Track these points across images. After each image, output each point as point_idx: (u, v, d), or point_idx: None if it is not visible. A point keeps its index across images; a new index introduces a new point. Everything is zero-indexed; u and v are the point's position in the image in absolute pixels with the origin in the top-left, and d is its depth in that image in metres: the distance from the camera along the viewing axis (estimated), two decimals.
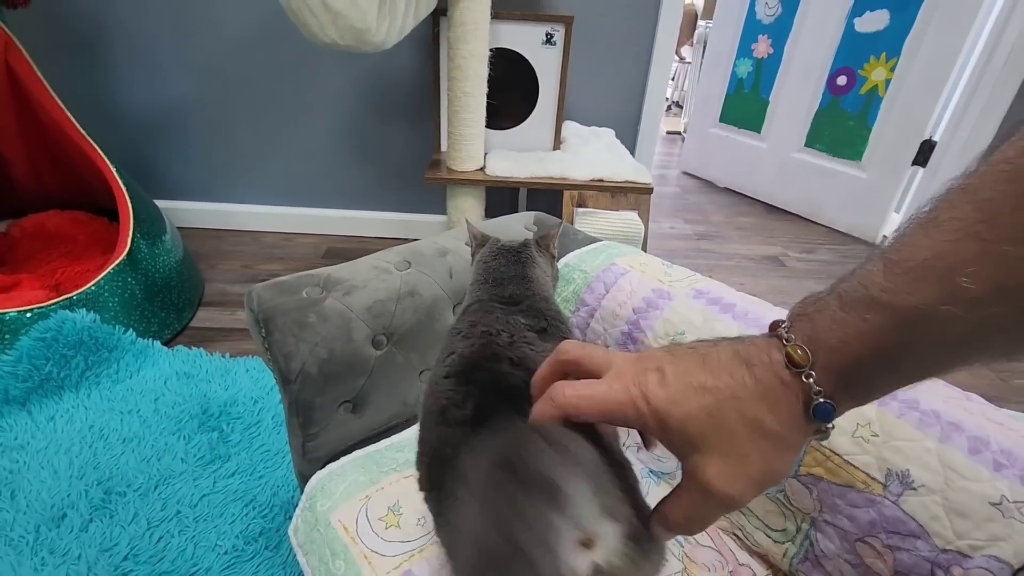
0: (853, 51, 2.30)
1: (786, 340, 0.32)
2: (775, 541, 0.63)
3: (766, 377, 0.32)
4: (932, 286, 0.25)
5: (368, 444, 0.80)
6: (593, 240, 0.96)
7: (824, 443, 0.57)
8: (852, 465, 0.55)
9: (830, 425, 0.32)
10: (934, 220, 0.27)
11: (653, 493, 0.74)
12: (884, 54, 2.20)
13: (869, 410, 0.56)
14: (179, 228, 1.77)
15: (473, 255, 0.71)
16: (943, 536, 0.49)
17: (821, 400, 0.30)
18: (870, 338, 0.28)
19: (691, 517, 0.35)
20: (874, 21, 2.21)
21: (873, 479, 0.53)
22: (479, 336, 0.57)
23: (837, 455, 0.56)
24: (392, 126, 1.95)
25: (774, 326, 0.33)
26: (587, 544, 0.37)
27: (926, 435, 0.52)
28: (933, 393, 0.55)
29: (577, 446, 0.38)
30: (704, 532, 0.68)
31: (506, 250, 0.68)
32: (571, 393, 0.36)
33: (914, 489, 0.51)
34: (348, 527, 0.66)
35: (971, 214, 0.25)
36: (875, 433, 0.55)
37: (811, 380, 0.30)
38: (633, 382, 0.34)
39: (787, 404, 0.31)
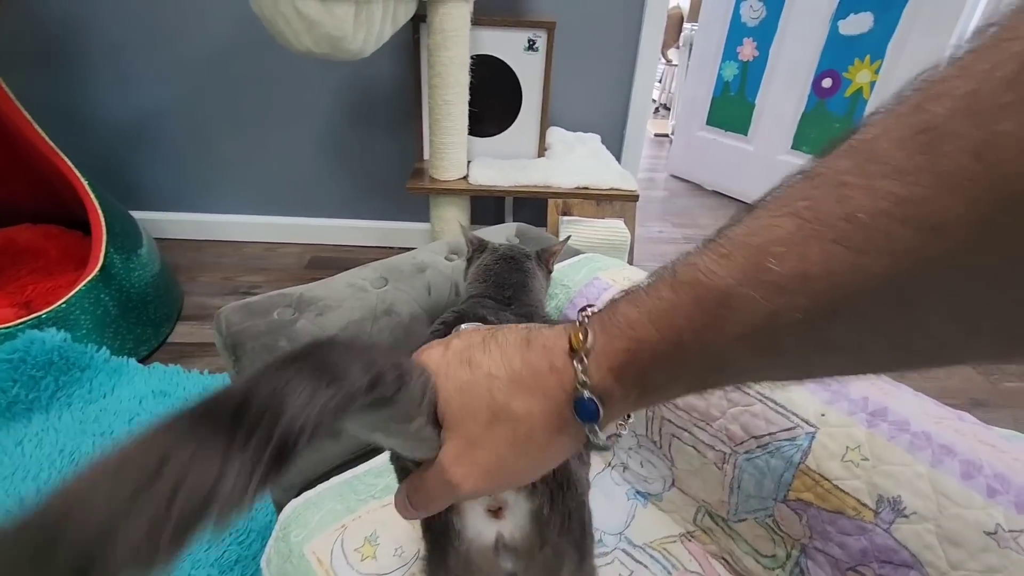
0: (838, 53, 2.30)
1: (579, 323, 0.27)
2: (765, 567, 0.61)
3: (536, 360, 0.28)
4: (738, 264, 0.22)
5: (346, 469, 0.77)
6: (576, 252, 0.94)
7: (813, 467, 0.55)
8: (842, 490, 0.53)
9: (606, 437, 0.28)
10: (764, 202, 0.23)
11: (640, 515, 0.71)
12: (868, 56, 2.20)
13: (858, 433, 0.54)
14: (157, 239, 1.73)
15: (469, 260, 0.69)
16: (937, 567, 0.47)
17: (586, 394, 0.26)
18: (660, 317, 0.24)
19: (421, 492, 0.31)
20: (858, 23, 2.21)
21: (864, 505, 0.51)
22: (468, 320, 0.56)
23: (827, 480, 0.54)
24: (374, 134, 1.93)
25: (581, 310, 0.29)
26: (496, 513, 0.39)
27: (917, 459, 0.50)
28: (924, 414, 0.54)
29: None
30: (692, 557, 0.66)
31: (509, 258, 0.67)
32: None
33: (906, 516, 0.49)
34: (323, 559, 0.64)
35: (799, 192, 0.21)
36: (865, 457, 0.53)
37: (580, 366, 0.26)
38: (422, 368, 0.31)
39: (547, 393, 0.27)
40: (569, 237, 0.78)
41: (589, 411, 0.26)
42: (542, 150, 1.67)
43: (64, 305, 1.23)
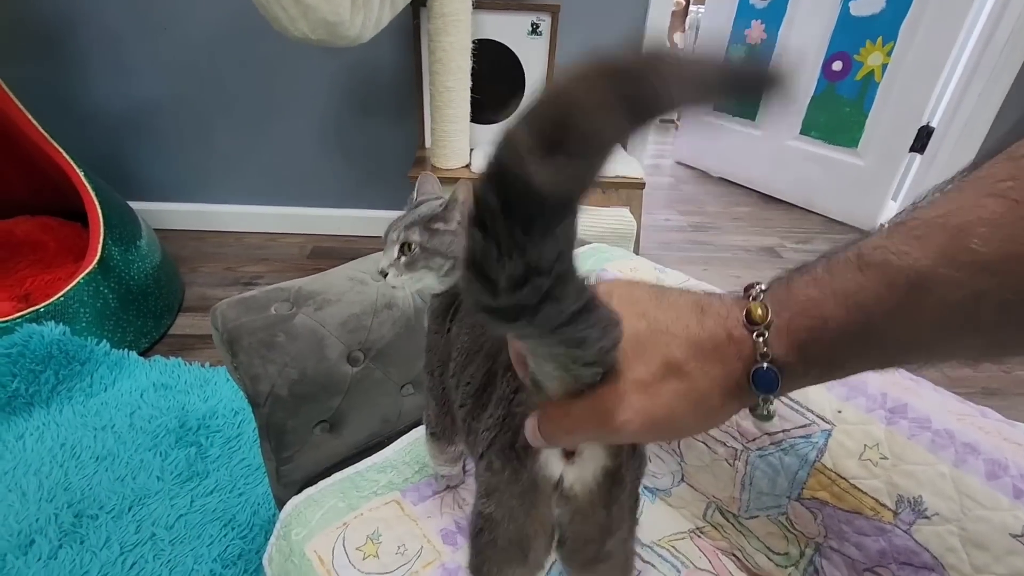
0: (848, 36, 2.25)
1: (753, 298, 0.28)
2: (777, 565, 0.59)
3: (713, 327, 0.28)
4: (934, 245, 0.22)
5: (348, 465, 0.75)
6: (582, 242, 0.91)
7: (829, 465, 0.53)
8: (859, 490, 0.51)
9: (772, 407, 0.28)
10: (958, 184, 0.23)
11: (648, 511, 0.70)
12: (880, 38, 2.15)
13: (877, 430, 0.52)
14: (158, 230, 1.71)
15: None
16: (960, 570, 0.45)
17: (765, 365, 0.26)
18: (847, 298, 0.24)
19: (561, 423, 0.31)
20: (870, 4, 2.15)
21: (883, 506, 0.50)
22: None
23: (843, 479, 0.52)
24: (375, 122, 1.89)
25: (748, 287, 0.30)
26: (567, 455, 0.37)
27: (939, 458, 0.48)
28: (945, 410, 0.52)
29: None
30: (701, 553, 0.64)
31: None
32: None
33: (927, 518, 0.47)
34: (324, 558, 0.62)
35: (1002, 171, 0.21)
36: (884, 455, 0.51)
37: (761, 339, 0.27)
38: None
39: (725, 360, 0.28)
40: None
41: (768, 381, 0.27)
42: None
43: (62, 298, 1.21)
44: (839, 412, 0.54)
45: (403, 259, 0.54)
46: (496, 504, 0.41)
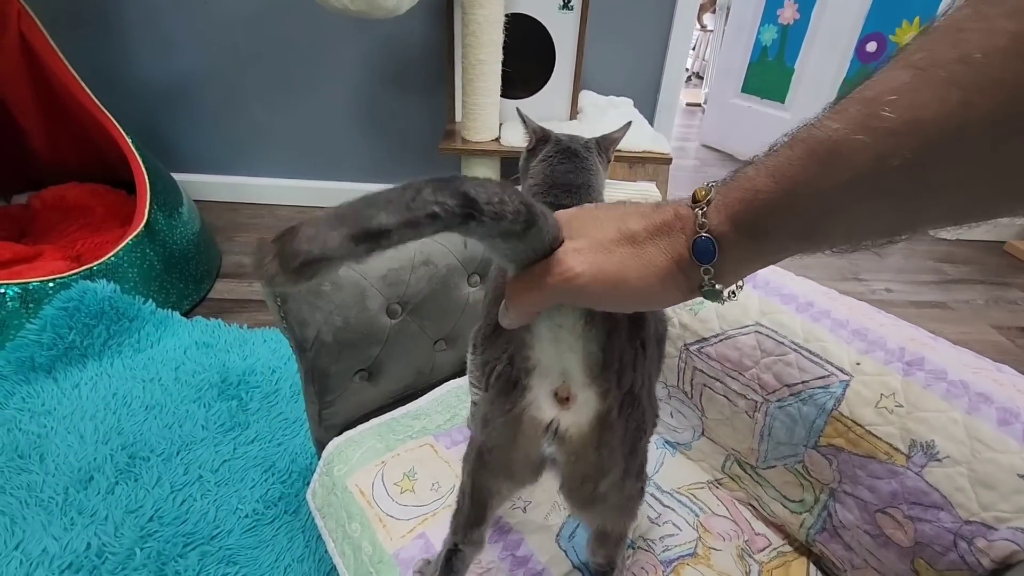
0: (884, 15, 2.20)
1: (705, 184, 0.31)
2: (792, 512, 0.63)
3: (664, 210, 0.32)
4: (850, 116, 0.24)
5: (384, 412, 0.80)
6: None
7: (846, 413, 0.56)
8: (874, 436, 0.54)
9: (720, 287, 0.31)
10: (884, 66, 0.25)
11: (668, 463, 0.73)
12: (918, 18, 2.10)
13: (894, 381, 0.54)
14: (196, 201, 1.77)
15: (531, 152, 0.64)
16: (967, 508, 0.48)
17: (703, 235, 0.29)
18: (776, 171, 0.27)
19: (524, 285, 0.34)
20: None
21: (896, 450, 0.52)
22: None
23: (859, 425, 0.55)
24: (406, 96, 1.93)
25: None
26: (562, 402, 0.41)
27: (953, 406, 0.51)
28: (962, 364, 0.54)
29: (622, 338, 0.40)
30: (719, 502, 0.67)
31: (572, 153, 0.62)
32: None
33: (938, 460, 0.50)
34: (364, 491, 0.67)
35: (914, 45, 0.23)
36: (899, 404, 0.53)
37: (700, 212, 0.30)
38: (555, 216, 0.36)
39: (671, 233, 0.31)
40: (630, 123, 0.72)
41: (706, 251, 0.29)
42: (574, 113, 1.66)
43: (113, 259, 1.28)
44: (857, 364, 0.57)
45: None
46: (487, 434, 0.46)
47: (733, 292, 0.32)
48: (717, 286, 0.31)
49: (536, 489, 0.65)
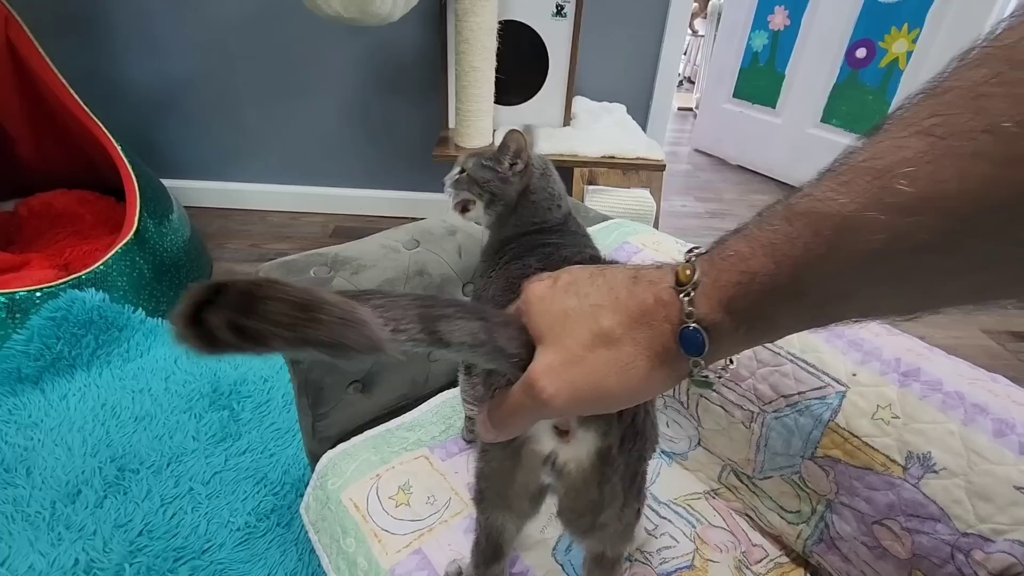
0: (874, 22, 2.22)
1: (687, 260, 0.28)
2: (789, 523, 0.62)
3: (642, 293, 0.28)
4: (859, 189, 0.21)
5: (378, 424, 0.79)
6: (605, 218, 0.94)
7: (843, 424, 0.56)
8: (871, 447, 0.54)
9: (708, 374, 0.28)
10: (884, 128, 0.22)
11: (664, 474, 0.73)
12: (906, 25, 2.12)
13: (890, 392, 0.54)
14: (186, 207, 1.76)
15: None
16: (964, 520, 0.48)
17: (692, 325, 0.26)
18: (775, 250, 0.24)
19: (503, 408, 0.32)
20: None
21: (893, 461, 0.52)
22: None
23: (856, 437, 0.55)
24: (399, 102, 1.92)
25: (689, 251, 0.29)
26: (561, 434, 0.40)
27: (949, 417, 0.51)
28: (957, 375, 0.54)
29: None
30: (716, 513, 0.67)
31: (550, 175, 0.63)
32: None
33: (935, 472, 0.50)
34: (359, 505, 0.66)
35: (925, 110, 0.20)
36: (896, 415, 0.53)
37: (686, 298, 0.26)
38: (525, 296, 0.33)
39: (652, 324, 0.27)
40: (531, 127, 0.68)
41: (695, 343, 0.26)
42: (568, 119, 1.66)
43: (102, 267, 1.26)
44: (854, 375, 0.57)
45: (456, 178, 0.63)
46: (486, 462, 0.46)
47: (724, 370, 0.30)
48: (706, 374, 0.28)
49: None
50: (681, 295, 0.27)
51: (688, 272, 0.27)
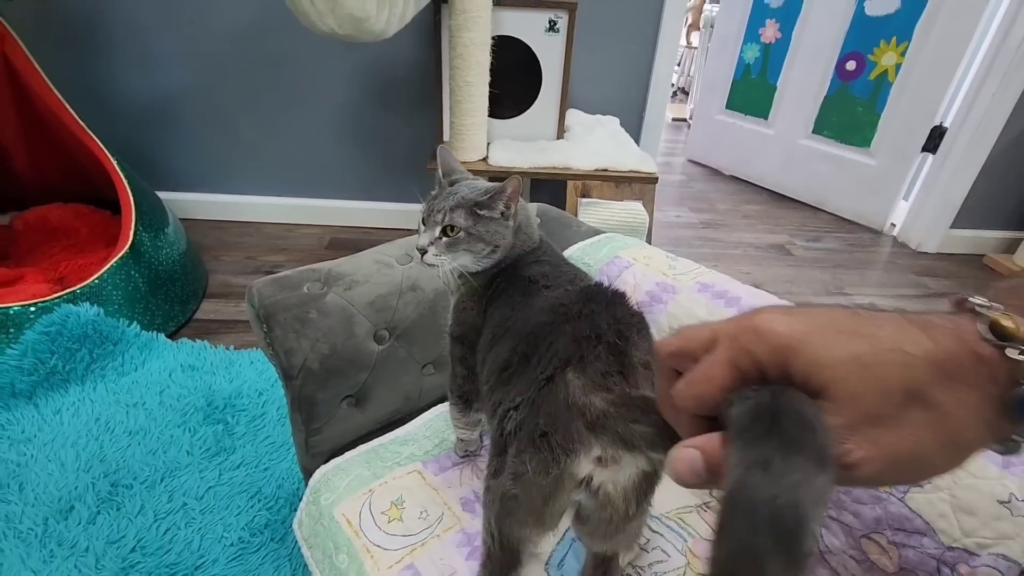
0: (863, 35, 2.25)
1: (987, 308, 0.24)
2: None
3: (951, 344, 0.24)
4: None
5: (371, 438, 0.80)
6: (596, 232, 0.95)
7: None
8: None
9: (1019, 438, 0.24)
10: None
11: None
12: (895, 38, 2.16)
13: None
14: (182, 219, 1.76)
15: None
16: (950, 534, 0.48)
17: None
18: None
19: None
20: (885, 4, 2.16)
21: None
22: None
23: None
24: (394, 116, 1.94)
25: (959, 302, 0.25)
26: (602, 463, 0.39)
27: None
28: None
29: None
30: (708, 526, 0.67)
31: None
32: (680, 389, 0.28)
33: (920, 486, 0.50)
34: (351, 521, 0.67)
35: None
36: None
37: (1021, 357, 0.22)
38: (739, 329, 0.27)
39: (974, 384, 0.23)
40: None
41: None
42: (561, 132, 1.67)
43: (97, 281, 1.27)
44: None
45: (445, 240, 0.55)
46: (522, 488, 0.43)
47: None
48: (1016, 438, 0.24)
49: None
50: (1009, 351, 0.23)
51: (1011, 324, 0.23)
